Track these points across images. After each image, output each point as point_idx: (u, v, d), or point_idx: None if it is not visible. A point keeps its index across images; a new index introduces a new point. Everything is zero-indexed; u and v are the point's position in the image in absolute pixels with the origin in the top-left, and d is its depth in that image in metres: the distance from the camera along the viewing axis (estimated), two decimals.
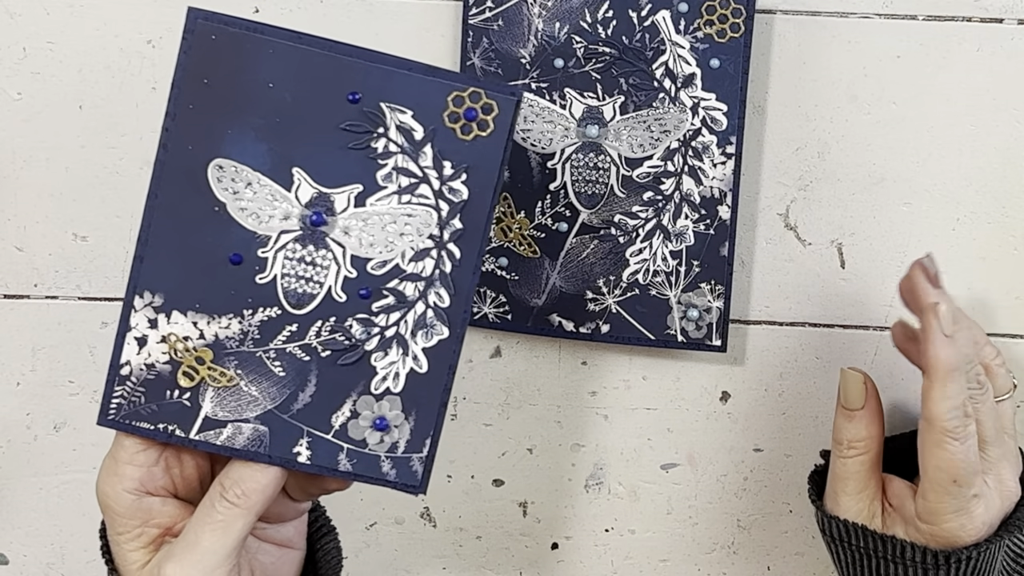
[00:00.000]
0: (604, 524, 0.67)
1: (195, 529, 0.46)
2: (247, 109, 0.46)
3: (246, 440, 0.47)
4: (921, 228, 0.62)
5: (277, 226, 0.47)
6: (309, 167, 0.46)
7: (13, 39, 0.61)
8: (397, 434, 0.47)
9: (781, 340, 0.64)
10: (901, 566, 0.52)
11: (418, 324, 0.47)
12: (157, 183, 0.46)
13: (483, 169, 0.46)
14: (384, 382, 0.47)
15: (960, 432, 0.51)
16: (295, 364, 0.47)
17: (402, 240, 0.47)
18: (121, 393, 0.47)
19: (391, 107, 0.46)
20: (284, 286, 0.47)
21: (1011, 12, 0.60)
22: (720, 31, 0.59)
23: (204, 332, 0.47)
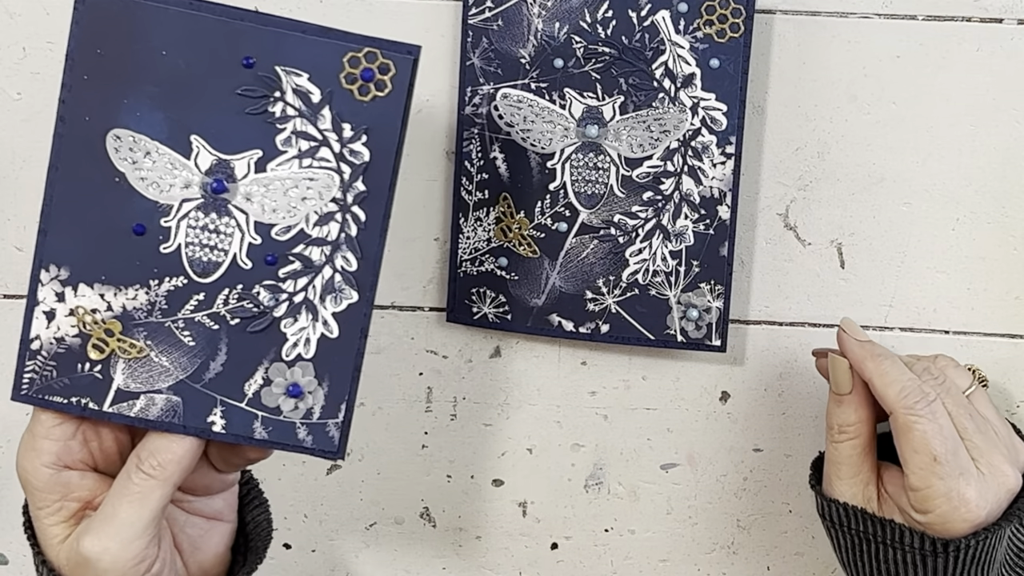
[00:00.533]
0: (604, 524, 0.67)
1: (112, 501, 0.46)
2: (142, 78, 0.45)
3: (160, 411, 0.47)
4: (921, 228, 0.62)
5: (178, 195, 0.46)
6: (207, 134, 0.46)
7: (13, 39, 0.61)
8: (311, 400, 0.47)
9: (781, 340, 0.64)
10: (900, 551, 0.52)
11: (326, 289, 0.47)
12: (57, 155, 0.46)
13: (383, 130, 0.46)
14: (295, 348, 0.47)
15: (922, 408, 0.51)
16: (204, 333, 0.47)
17: (305, 204, 0.47)
18: (32, 368, 0.47)
19: (286, 70, 0.46)
20: (189, 255, 0.47)
21: (1011, 12, 0.60)
22: (720, 31, 0.59)
23: (112, 304, 0.47)
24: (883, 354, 0.54)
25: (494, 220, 0.61)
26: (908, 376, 0.53)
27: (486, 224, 0.61)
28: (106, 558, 0.45)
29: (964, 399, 0.54)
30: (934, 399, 0.52)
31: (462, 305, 0.62)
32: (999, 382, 0.64)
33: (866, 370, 0.54)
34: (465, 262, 0.62)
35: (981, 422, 0.54)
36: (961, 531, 0.51)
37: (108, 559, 0.45)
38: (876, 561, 0.53)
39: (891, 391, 0.52)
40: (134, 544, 0.45)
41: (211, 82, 0.46)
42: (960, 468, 0.51)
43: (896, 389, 0.52)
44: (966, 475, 0.51)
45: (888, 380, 0.53)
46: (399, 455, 0.66)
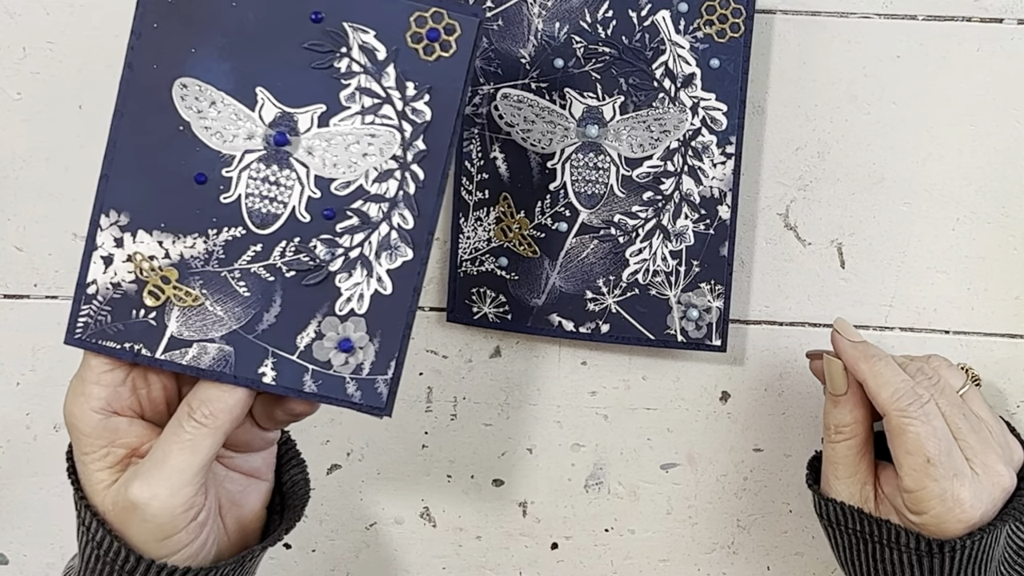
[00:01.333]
0: (604, 524, 0.67)
1: (163, 448, 0.46)
2: (211, 28, 0.46)
3: (211, 360, 0.47)
4: (921, 228, 0.62)
5: (241, 145, 0.47)
6: (273, 86, 0.46)
7: (13, 39, 0.61)
8: (362, 355, 0.47)
9: (781, 340, 0.64)
10: (896, 551, 0.52)
11: (382, 245, 0.47)
12: (123, 102, 0.46)
13: (446, 90, 0.46)
14: (348, 303, 0.47)
15: (915, 411, 0.51)
16: (260, 284, 0.47)
17: (365, 161, 0.47)
18: (87, 312, 0.47)
19: (354, 27, 0.46)
20: (248, 206, 0.47)
21: (1011, 12, 0.60)
22: (720, 31, 0.59)
23: (169, 251, 0.47)
24: (877, 355, 0.54)
25: (494, 220, 0.61)
26: (901, 377, 0.53)
27: (486, 224, 0.61)
28: (155, 503, 0.45)
29: (958, 399, 0.54)
30: (927, 400, 0.52)
31: (462, 305, 0.62)
32: (999, 382, 0.64)
33: (860, 371, 0.54)
34: (465, 262, 0.62)
35: (975, 422, 0.54)
36: (956, 532, 0.51)
37: (157, 504, 0.45)
38: (873, 560, 0.53)
39: (884, 393, 0.52)
40: (183, 491, 0.45)
41: (279, 35, 0.46)
42: (954, 469, 0.51)
43: (889, 391, 0.52)
44: (960, 476, 0.51)
45: (881, 382, 0.53)
46: (399, 455, 0.66)
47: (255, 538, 0.52)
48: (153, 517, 0.45)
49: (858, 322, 0.63)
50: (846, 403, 0.55)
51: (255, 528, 0.52)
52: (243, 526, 0.51)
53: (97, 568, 0.47)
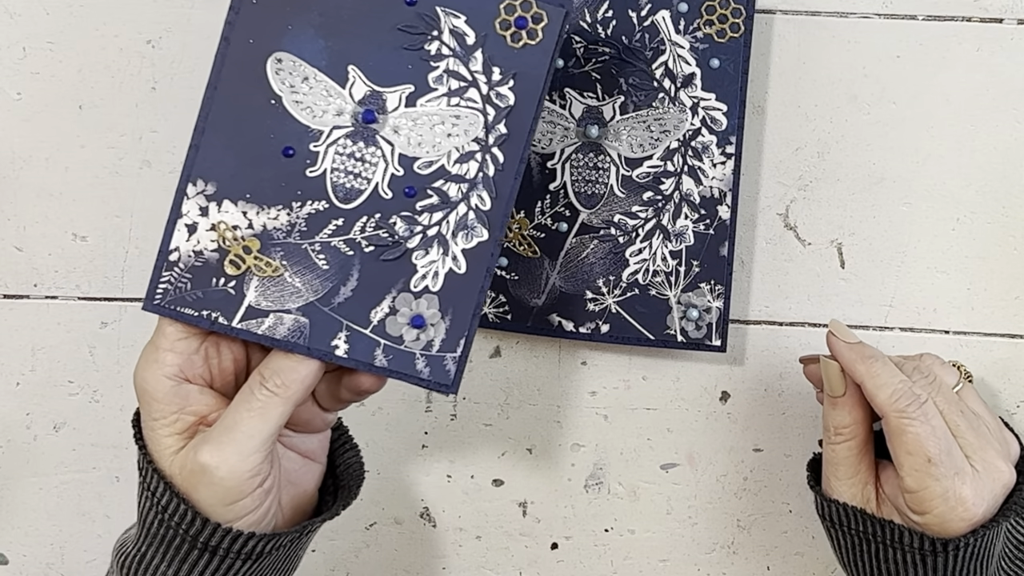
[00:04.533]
0: (604, 524, 0.67)
1: (233, 414, 0.47)
2: (308, 6, 0.47)
3: (287, 331, 0.48)
4: (921, 228, 0.62)
5: (330, 121, 0.48)
6: (364, 65, 0.47)
7: (13, 39, 0.61)
8: (433, 332, 0.48)
9: (781, 340, 0.64)
10: (899, 551, 0.52)
11: (459, 225, 0.48)
12: (217, 75, 0.47)
13: (530, 76, 0.48)
14: (423, 280, 0.48)
15: (914, 411, 0.51)
16: (339, 258, 0.48)
17: (449, 141, 0.48)
18: (168, 279, 0.48)
19: (446, 11, 0.47)
20: (333, 180, 0.48)
21: (1011, 12, 0.60)
22: (720, 31, 0.59)
23: (253, 222, 0.48)
24: (873, 355, 0.54)
25: None
26: (899, 378, 0.53)
27: None
28: (224, 467, 0.46)
29: (955, 396, 0.54)
30: (925, 400, 0.52)
31: None
32: (999, 382, 0.64)
33: (857, 373, 0.54)
34: None
35: (972, 418, 0.54)
36: (959, 530, 0.51)
37: (226, 468, 0.46)
38: (876, 560, 0.53)
39: (882, 394, 0.52)
40: (252, 457, 0.46)
41: (373, 15, 0.47)
42: (955, 468, 0.51)
43: (887, 392, 0.52)
44: (961, 474, 0.51)
45: (879, 383, 0.53)
46: (399, 455, 0.66)
47: (307, 518, 0.53)
48: (221, 480, 0.46)
49: (858, 322, 0.63)
50: (844, 404, 0.55)
51: (307, 509, 0.53)
52: (297, 505, 0.52)
53: (160, 532, 0.48)
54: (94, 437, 0.65)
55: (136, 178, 0.62)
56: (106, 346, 0.64)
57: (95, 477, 0.66)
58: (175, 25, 0.61)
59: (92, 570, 0.68)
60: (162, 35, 0.61)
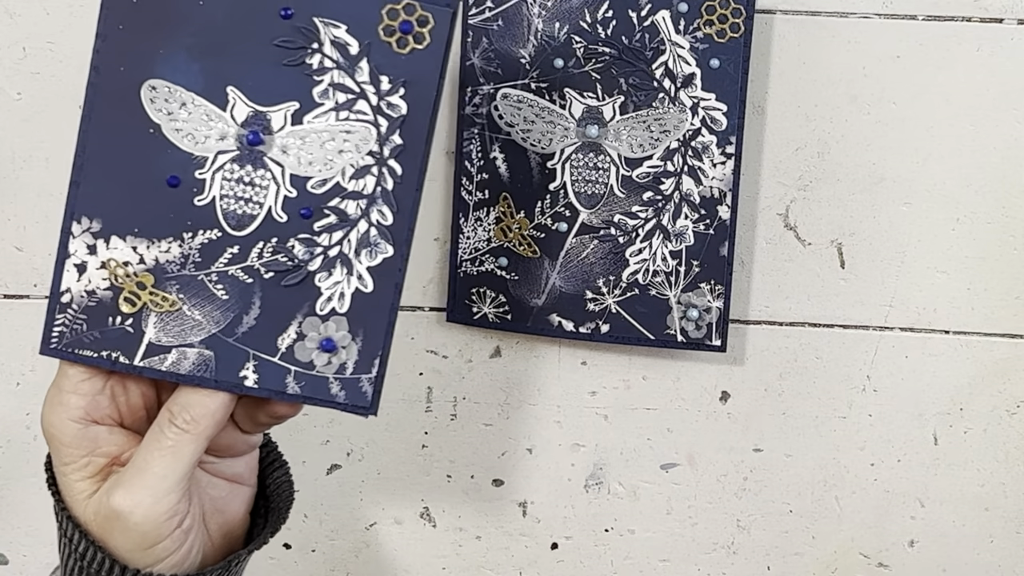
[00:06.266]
0: (604, 524, 0.67)
1: (144, 455, 0.45)
2: (178, 28, 0.45)
3: (192, 365, 0.46)
4: (921, 228, 0.62)
5: (214, 146, 0.46)
6: (244, 85, 0.46)
7: (13, 39, 0.61)
8: (345, 355, 0.47)
9: (781, 340, 0.64)
10: None
11: (362, 243, 0.47)
12: (90, 106, 0.46)
13: (421, 83, 0.46)
14: (329, 302, 0.47)
15: None
16: (238, 287, 0.46)
17: (341, 157, 0.46)
18: (62, 321, 0.46)
19: (325, 22, 0.45)
20: (223, 207, 0.46)
21: (1011, 12, 0.60)
22: (720, 31, 0.59)
23: (144, 256, 0.46)
24: None
25: (494, 220, 0.61)
26: None
27: (486, 224, 0.61)
28: (138, 511, 0.44)
29: None
30: None
31: (462, 305, 0.62)
32: (999, 382, 0.64)
33: None
34: (465, 262, 0.62)
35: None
36: None
37: (140, 513, 0.44)
38: None
39: None
40: (166, 498, 0.45)
41: (247, 32, 0.45)
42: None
43: None
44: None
45: None
46: (399, 455, 0.66)
47: (240, 543, 0.52)
48: (136, 526, 0.44)
49: (858, 322, 0.63)
50: None
51: (239, 534, 0.52)
52: (228, 532, 0.51)
53: None
54: None
55: None
56: None
57: None
58: None
59: None
60: None
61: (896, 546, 0.67)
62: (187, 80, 0.45)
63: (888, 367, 0.64)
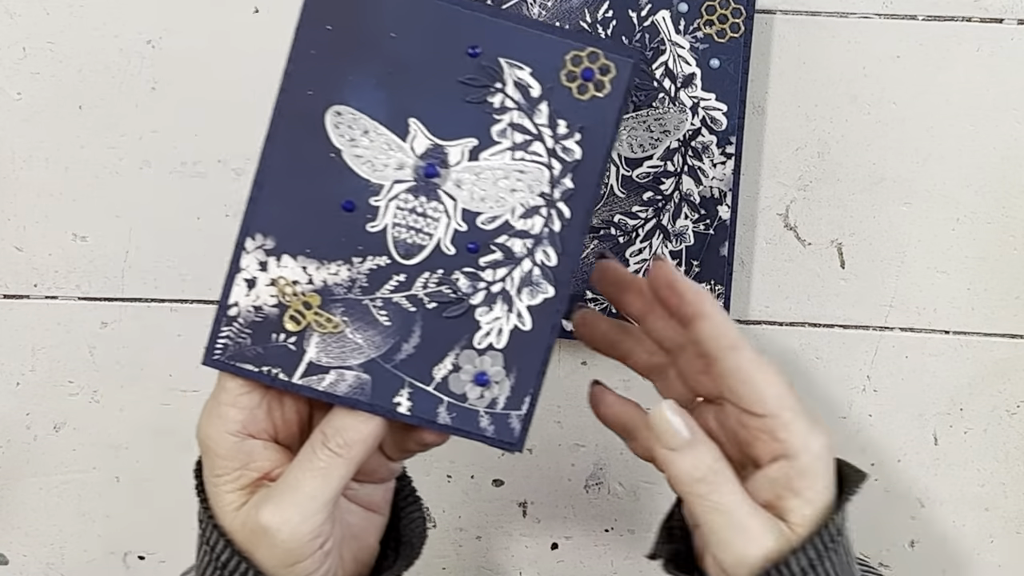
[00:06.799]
0: (604, 524, 0.67)
1: (295, 474, 0.46)
2: (368, 57, 0.46)
3: (348, 387, 0.47)
4: (921, 228, 0.62)
5: (391, 175, 0.47)
6: (426, 118, 0.46)
7: (13, 39, 0.61)
8: (497, 390, 0.47)
9: (781, 340, 0.64)
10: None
11: (524, 281, 0.47)
12: (275, 127, 0.46)
13: (597, 130, 0.46)
14: (487, 337, 0.47)
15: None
16: (401, 314, 0.47)
17: (513, 196, 0.47)
18: (228, 334, 0.47)
19: (510, 63, 0.46)
20: (394, 236, 0.47)
21: (1011, 12, 0.60)
22: (720, 31, 0.59)
23: (313, 277, 0.47)
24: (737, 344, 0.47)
25: None
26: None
27: None
28: (286, 529, 0.45)
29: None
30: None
31: None
32: (999, 382, 0.64)
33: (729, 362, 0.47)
34: None
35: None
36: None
37: (288, 530, 0.45)
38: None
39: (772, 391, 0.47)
40: (314, 519, 0.45)
41: (435, 68, 0.46)
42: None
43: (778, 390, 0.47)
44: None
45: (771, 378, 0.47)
46: None
47: (367, 572, 0.52)
48: (282, 543, 0.45)
49: (858, 322, 0.63)
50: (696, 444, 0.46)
51: (368, 563, 0.52)
52: (358, 559, 0.51)
53: None
54: (94, 437, 0.66)
55: (136, 178, 0.62)
56: (106, 346, 0.64)
57: (95, 477, 0.66)
58: (175, 25, 0.61)
59: (92, 570, 0.68)
60: (162, 35, 0.61)
61: (896, 546, 0.67)
62: (372, 109, 0.46)
63: (888, 367, 0.64)
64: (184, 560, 0.68)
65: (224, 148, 0.62)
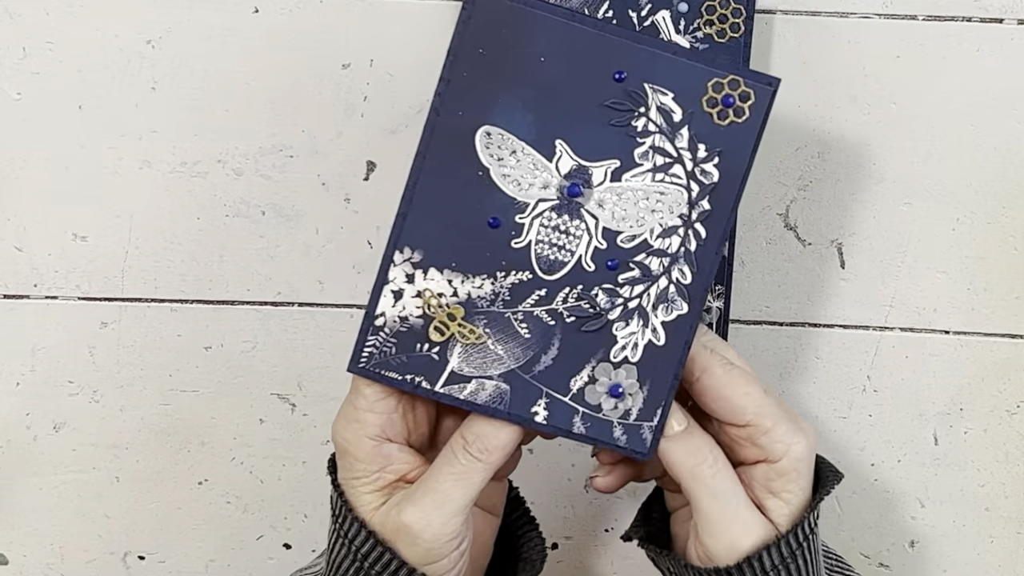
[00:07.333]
0: (604, 524, 0.67)
1: (436, 476, 0.47)
2: (518, 80, 0.47)
3: (488, 396, 0.48)
4: (921, 228, 0.62)
5: (536, 194, 0.48)
6: (571, 140, 0.48)
7: (13, 39, 0.61)
8: (631, 402, 0.49)
9: (781, 340, 0.64)
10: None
11: (660, 298, 0.49)
12: (426, 145, 0.48)
13: (735, 154, 0.48)
14: (623, 351, 0.49)
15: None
16: (541, 327, 0.48)
17: (652, 216, 0.48)
18: (374, 343, 0.48)
19: (654, 88, 0.48)
20: (537, 252, 0.48)
21: (1011, 12, 0.60)
22: (720, 31, 0.59)
23: (458, 290, 0.48)
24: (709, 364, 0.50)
25: None
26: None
27: None
28: (428, 530, 0.47)
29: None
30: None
31: None
32: (999, 382, 0.64)
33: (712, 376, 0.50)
34: None
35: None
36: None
37: (430, 531, 0.47)
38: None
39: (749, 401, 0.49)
40: (453, 520, 0.47)
41: (582, 91, 0.47)
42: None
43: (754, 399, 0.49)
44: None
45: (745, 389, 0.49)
46: None
47: (481, 574, 0.54)
48: (424, 542, 0.47)
49: (858, 322, 0.63)
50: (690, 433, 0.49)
51: (482, 564, 0.54)
52: (474, 560, 0.52)
53: None
54: (94, 437, 0.66)
55: (136, 178, 0.62)
56: (106, 346, 0.64)
57: (95, 477, 0.66)
58: (175, 25, 0.61)
59: (92, 570, 0.68)
60: (161, 35, 0.61)
61: (896, 546, 0.67)
62: (520, 130, 0.48)
63: (888, 367, 0.64)
64: (184, 560, 0.68)
65: (224, 148, 0.62)
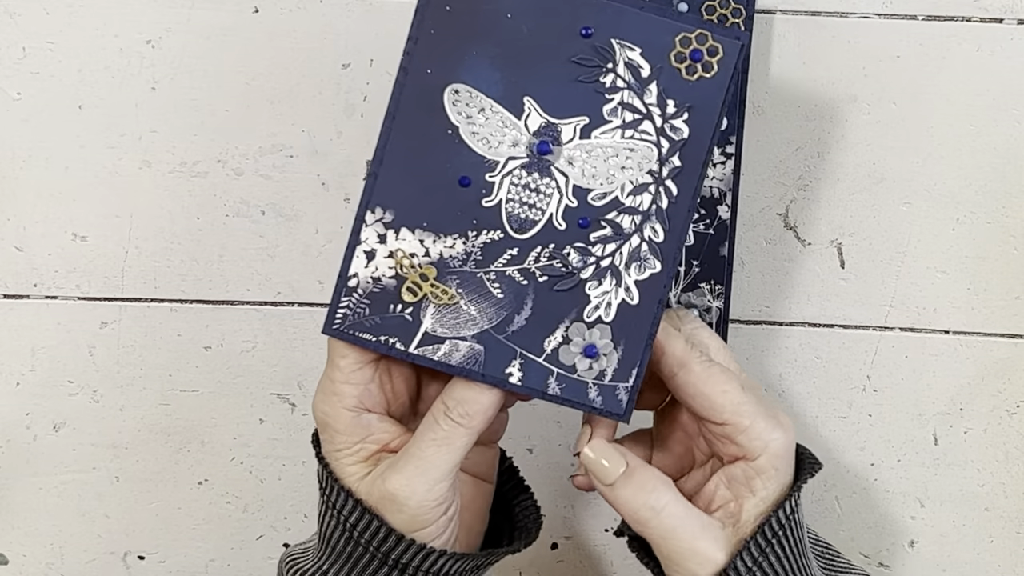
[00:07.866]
0: (604, 524, 0.67)
1: (419, 444, 0.48)
2: (485, 37, 0.47)
3: (462, 357, 0.48)
4: (921, 228, 0.62)
5: (505, 152, 0.48)
6: (539, 97, 0.48)
7: (13, 39, 0.61)
8: (605, 362, 0.49)
9: (781, 340, 0.64)
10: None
11: (632, 257, 0.48)
12: (395, 104, 0.48)
13: (705, 109, 0.48)
14: (596, 311, 0.49)
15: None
16: (513, 287, 0.48)
17: (623, 173, 0.48)
18: (347, 304, 0.48)
19: (621, 43, 0.47)
20: (508, 211, 0.48)
21: (1011, 12, 0.60)
22: None
23: (430, 250, 0.48)
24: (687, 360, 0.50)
25: None
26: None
27: None
28: (414, 497, 0.47)
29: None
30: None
31: None
32: (999, 382, 0.64)
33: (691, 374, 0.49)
34: None
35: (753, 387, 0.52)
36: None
37: (415, 498, 0.47)
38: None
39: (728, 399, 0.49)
40: (439, 486, 0.47)
41: (549, 47, 0.47)
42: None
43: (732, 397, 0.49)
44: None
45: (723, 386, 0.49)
46: None
47: (478, 541, 0.54)
48: (409, 509, 0.47)
49: (858, 322, 0.63)
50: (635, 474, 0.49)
51: (480, 531, 0.54)
52: (469, 528, 0.53)
53: (347, 550, 0.49)
54: (94, 437, 0.66)
55: (136, 178, 0.62)
56: (106, 346, 0.64)
57: (95, 477, 0.66)
58: (175, 25, 0.61)
59: (92, 570, 0.68)
60: (161, 35, 0.61)
61: (896, 546, 0.67)
62: (488, 87, 0.48)
63: (888, 367, 0.64)
64: (184, 560, 0.68)
65: (224, 148, 0.62)
